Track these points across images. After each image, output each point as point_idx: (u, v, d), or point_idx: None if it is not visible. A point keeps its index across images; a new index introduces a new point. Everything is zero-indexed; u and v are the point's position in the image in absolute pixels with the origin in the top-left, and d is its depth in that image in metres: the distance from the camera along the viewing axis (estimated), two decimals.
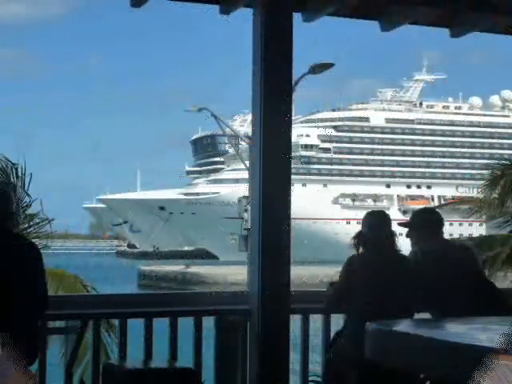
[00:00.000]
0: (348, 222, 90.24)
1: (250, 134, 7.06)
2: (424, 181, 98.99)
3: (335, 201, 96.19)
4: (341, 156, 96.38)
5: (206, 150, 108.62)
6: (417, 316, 6.06)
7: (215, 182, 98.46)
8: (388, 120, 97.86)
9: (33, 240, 6.78)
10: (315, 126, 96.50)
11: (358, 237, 6.22)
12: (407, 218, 7.24)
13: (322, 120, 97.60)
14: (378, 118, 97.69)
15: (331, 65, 26.55)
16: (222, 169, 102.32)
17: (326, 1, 6.40)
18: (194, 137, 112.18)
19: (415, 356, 2.74)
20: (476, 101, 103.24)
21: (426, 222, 6.42)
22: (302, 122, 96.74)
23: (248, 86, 6.13)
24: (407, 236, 6.47)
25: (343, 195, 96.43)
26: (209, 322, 6.42)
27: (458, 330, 3.05)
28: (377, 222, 6.23)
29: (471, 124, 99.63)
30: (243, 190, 58.53)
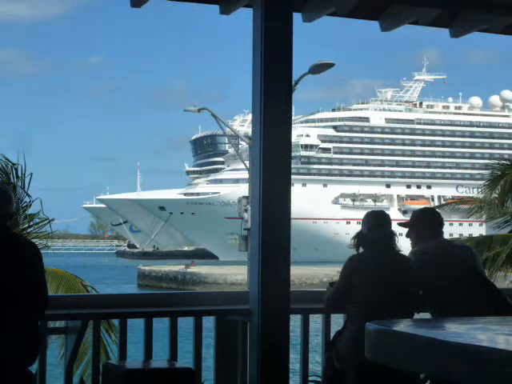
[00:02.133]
0: (348, 222, 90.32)
1: (249, 134, 7.06)
2: (424, 181, 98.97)
3: (335, 201, 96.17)
4: (341, 156, 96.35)
5: (206, 149, 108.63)
6: (417, 316, 6.06)
7: (215, 182, 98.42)
8: (388, 120, 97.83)
9: (33, 240, 6.78)
10: (315, 126, 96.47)
11: (358, 237, 6.22)
12: (407, 217, 7.25)
13: (321, 120, 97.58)
14: (377, 118, 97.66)
15: (331, 65, 26.53)
16: (222, 169, 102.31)
17: (325, 1, 6.40)
18: (194, 137, 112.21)
19: (415, 356, 2.73)
20: (476, 101, 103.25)
21: (425, 222, 6.42)
22: (302, 122, 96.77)
23: (248, 86, 6.13)
24: (407, 236, 6.47)
25: (343, 195, 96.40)
26: (209, 322, 6.43)
27: (458, 330, 3.05)
28: (377, 222, 6.22)
29: (471, 124, 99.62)
30: (243, 189, 58.58)
